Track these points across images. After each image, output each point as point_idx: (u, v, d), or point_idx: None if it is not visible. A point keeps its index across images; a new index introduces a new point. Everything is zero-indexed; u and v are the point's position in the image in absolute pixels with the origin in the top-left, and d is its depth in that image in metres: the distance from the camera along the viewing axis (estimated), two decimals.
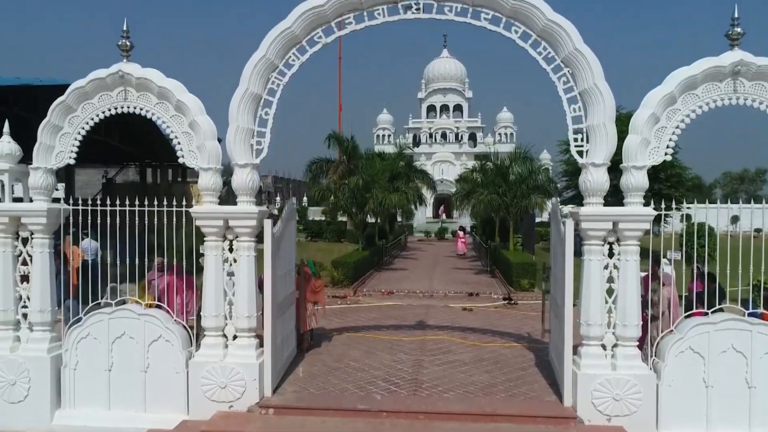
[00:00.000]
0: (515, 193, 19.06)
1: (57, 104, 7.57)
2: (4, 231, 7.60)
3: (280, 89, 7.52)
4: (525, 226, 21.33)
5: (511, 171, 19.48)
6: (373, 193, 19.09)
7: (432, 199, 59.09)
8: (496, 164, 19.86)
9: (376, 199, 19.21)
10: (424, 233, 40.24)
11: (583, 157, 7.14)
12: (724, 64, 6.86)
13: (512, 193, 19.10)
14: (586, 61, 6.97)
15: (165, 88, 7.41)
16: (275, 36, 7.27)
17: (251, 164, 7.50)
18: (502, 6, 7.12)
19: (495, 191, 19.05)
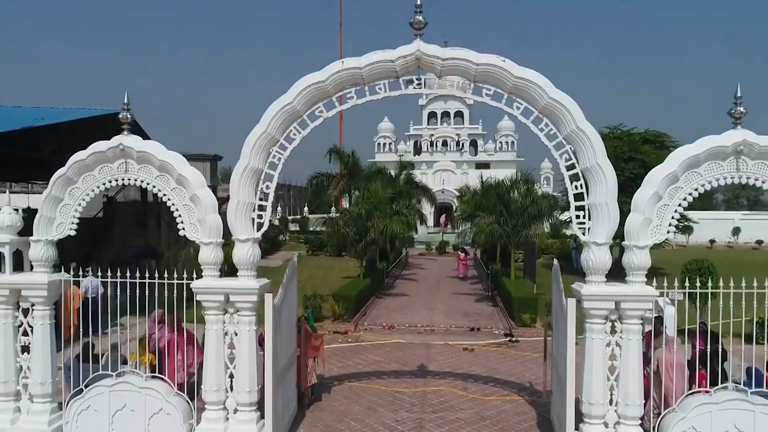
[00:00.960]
0: (516, 221, 19.05)
1: (57, 176, 7.57)
2: (5, 303, 7.61)
3: (281, 163, 7.52)
4: (526, 253, 21.32)
5: (512, 198, 19.46)
6: (374, 222, 19.12)
7: (433, 209, 59.13)
8: (498, 192, 19.84)
9: (377, 228, 19.24)
10: (425, 246, 40.21)
11: (585, 235, 7.12)
12: (726, 144, 6.85)
13: (513, 222, 19.10)
14: (588, 140, 6.96)
15: (166, 161, 7.41)
16: (276, 111, 7.26)
17: (252, 238, 7.50)
18: (504, 83, 7.11)
19: (496, 220, 19.06)
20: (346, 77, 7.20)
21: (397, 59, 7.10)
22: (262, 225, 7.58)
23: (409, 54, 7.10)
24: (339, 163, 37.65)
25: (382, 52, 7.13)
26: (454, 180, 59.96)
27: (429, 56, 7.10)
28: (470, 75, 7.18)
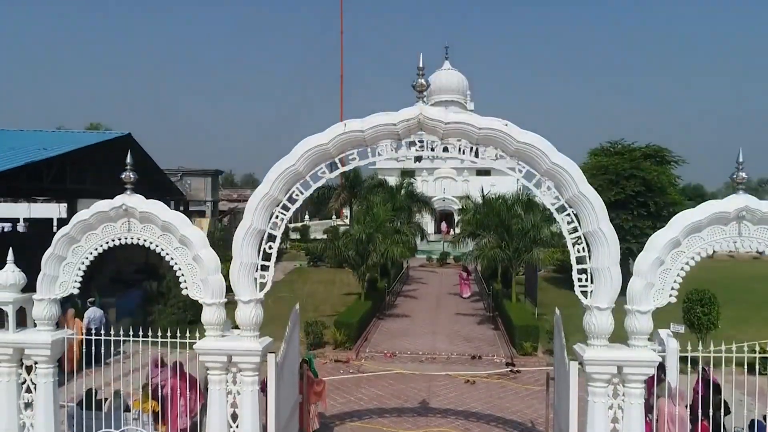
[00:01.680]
0: (518, 245, 19.06)
1: (61, 236, 7.59)
2: (8, 361, 7.63)
3: (284, 223, 7.54)
4: (527, 273, 21.31)
5: (513, 220, 19.46)
6: (376, 247, 19.14)
7: (433, 219, 59.15)
8: (498, 213, 19.83)
9: (378, 252, 19.27)
10: (426, 256, 40.13)
11: (587, 298, 7.12)
12: (728, 210, 6.86)
13: (515, 245, 19.11)
14: (591, 205, 6.97)
15: (169, 221, 7.43)
16: (279, 174, 7.28)
17: (255, 299, 7.51)
18: (506, 147, 7.13)
19: (497, 243, 19.08)
20: (348, 139, 7.21)
21: (399, 122, 7.12)
22: (265, 285, 7.59)
23: (412, 118, 7.11)
24: (340, 176, 37.66)
25: (384, 115, 7.15)
26: (454, 187, 59.96)
27: (431, 120, 7.12)
28: (473, 138, 7.19)
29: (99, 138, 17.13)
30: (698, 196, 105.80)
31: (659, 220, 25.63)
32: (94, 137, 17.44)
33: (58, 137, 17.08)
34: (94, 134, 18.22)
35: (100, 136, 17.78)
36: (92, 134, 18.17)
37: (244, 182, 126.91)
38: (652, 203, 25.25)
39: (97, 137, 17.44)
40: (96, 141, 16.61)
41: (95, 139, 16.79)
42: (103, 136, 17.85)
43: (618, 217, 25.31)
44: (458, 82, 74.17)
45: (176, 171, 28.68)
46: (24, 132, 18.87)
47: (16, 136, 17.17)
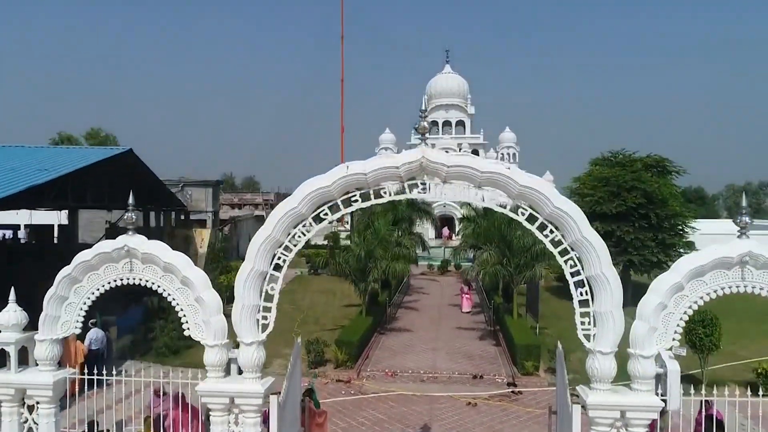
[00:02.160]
0: (519, 260, 19.06)
1: (63, 276, 7.58)
2: (10, 401, 7.63)
3: (286, 264, 7.52)
4: (529, 290, 21.27)
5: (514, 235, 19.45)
6: (376, 264, 19.16)
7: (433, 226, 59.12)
8: (500, 228, 19.81)
9: (379, 269, 19.29)
10: (427, 264, 40.09)
11: (590, 342, 7.10)
12: (732, 255, 6.84)
13: (516, 261, 19.10)
14: (594, 249, 6.95)
15: (171, 263, 7.42)
16: (281, 216, 7.26)
17: (257, 341, 7.48)
18: (509, 190, 7.11)
19: (498, 260, 19.08)
20: (350, 182, 7.21)
21: (401, 165, 7.11)
22: (267, 326, 7.56)
23: (414, 161, 7.10)
24: None
25: (386, 158, 7.14)
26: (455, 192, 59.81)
27: (434, 163, 7.11)
28: (475, 181, 7.18)
29: (101, 156, 17.11)
30: (699, 198, 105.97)
31: (660, 231, 25.72)
32: (96, 154, 17.41)
33: (58, 155, 17.05)
34: (96, 151, 18.20)
35: (101, 152, 17.76)
36: (94, 150, 18.16)
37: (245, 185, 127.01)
38: (653, 215, 25.26)
39: (99, 154, 17.42)
40: (97, 159, 16.59)
41: (97, 157, 16.77)
42: (104, 153, 17.83)
43: (619, 229, 25.37)
44: (458, 85, 74.09)
45: (177, 182, 28.68)
46: (24, 148, 18.88)
47: (16, 154, 17.16)
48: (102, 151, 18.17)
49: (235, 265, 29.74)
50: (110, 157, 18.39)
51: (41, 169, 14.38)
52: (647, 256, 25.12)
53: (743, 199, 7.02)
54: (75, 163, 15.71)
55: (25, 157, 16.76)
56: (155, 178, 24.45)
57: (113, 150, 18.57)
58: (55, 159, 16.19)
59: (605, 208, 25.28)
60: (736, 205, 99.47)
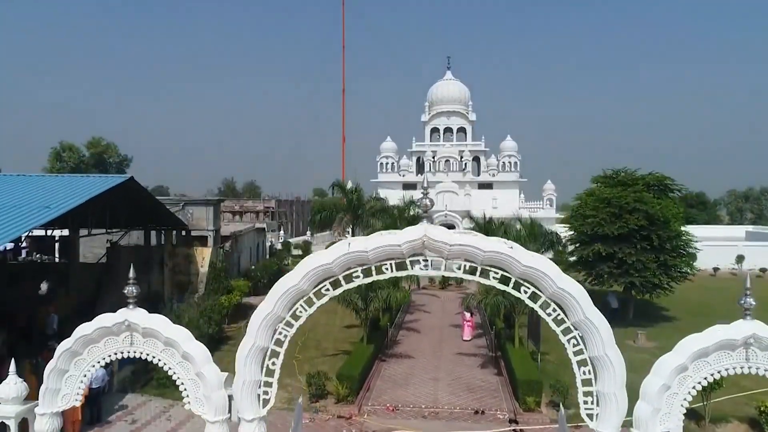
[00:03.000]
0: None
1: (63, 350, 7.56)
2: None
3: (287, 340, 7.49)
4: (531, 314, 21.12)
5: None
6: (377, 293, 19.14)
7: None
8: None
9: (380, 299, 19.27)
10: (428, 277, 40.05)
11: (592, 421, 7.07)
12: (736, 337, 6.81)
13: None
14: (597, 330, 6.92)
15: (171, 338, 7.40)
16: (283, 292, 7.24)
17: (258, 417, 7.45)
18: (512, 269, 7.08)
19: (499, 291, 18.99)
20: (352, 259, 7.18)
21: (403, 243, 7.07)
22: (268, 401, 7.53)
23: (416, 239, 7.07)
24: (342, 197, 37.64)
25: (388, 236, 7.10)
26: (457, 201, 59.84)
27: (436, 241, 7.07)
28: (478, 259, 7.14)
29: (103, 187, 17.07)
30: (700, 203, 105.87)
31: (662, 252, 25.63)
32: (98, 185, 17.39)
33: (60, 186, 17.02)
34: (97, 180, 18.19)
35: (103, 183, 17.74)
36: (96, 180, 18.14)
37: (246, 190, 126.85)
38: (655, 236, 25.18)
39: (101, 185, 17.40)
40: (99, 191, 16.57)
41: (98, 189, 16.73)
42: (106, 183, 17.82)
43: (621, 251, 25.30)
44: (460, 92, 73.86)
45: (178, 200, 28.65)
46: (25, 177, 18.87)
47: (17, 186, 17.14)
48: (104, 182, 18.12)
49: (236, 284, 29.79)
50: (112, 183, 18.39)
51: (43, 206, 14.35)
52: (648, 277, 25.05)
53: (747, 280, 6.95)
54: (77, 197, 15.68)
55: (27, 189, 16.72)
56: (156, 201, 24.46)
57: (115, 179, 18.56)
58: (57, 192, 16.14)
59: (607, 229, 25.22)
60: (738, 210, 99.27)
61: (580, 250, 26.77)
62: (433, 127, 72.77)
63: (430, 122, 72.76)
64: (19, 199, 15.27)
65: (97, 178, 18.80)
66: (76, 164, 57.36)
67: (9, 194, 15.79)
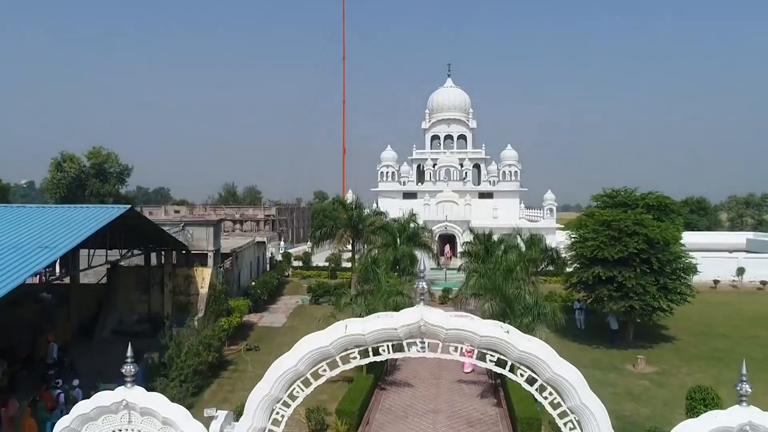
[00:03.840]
0: (520, 322, 19.03)
1: (61, 428, 7.58)
2: None
3: (284, 420, 7.51)
4: None
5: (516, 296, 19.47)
6: None
7: (436, 237, 59.09)
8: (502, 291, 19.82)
9: None
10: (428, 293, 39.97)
11: None
12: (731, 425, 6.81)
13: (517, 322, 19.07)
14: (594, 417, 6.93)
15: (169, 417, 7.41)
16: (280, 374, 7.27)
17: None
18: (508, 353, 7.09)
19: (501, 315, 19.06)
20: (349, 341, 7.20)
21: (400, 327, 7.10)
22: None
23: (413, 323, 7.09)
24: (343, 212, 37.64)
25: (385, 319, 7.12)
26: (457, 210, 59.84)
27: (432, 325, 7.09)
28: (474, 343, 7.15)
29: (102, 220, 17.16)
30: (701, 209, 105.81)
31: (662, 276, 25.64)
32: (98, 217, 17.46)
33: (61, 220, 17.06)
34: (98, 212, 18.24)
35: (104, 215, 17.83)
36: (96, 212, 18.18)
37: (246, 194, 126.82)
38: (654, 260, 25.18)
39: (101, 217, 17.48)
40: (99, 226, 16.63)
41: (98, 223, 16.81)
42: (108, 214, 17.92)
43: (621, 275, 25.30)
44: (460, 99, 73.92)
45: (178, 222, 28.71)
46: (25, 209, 18.90)
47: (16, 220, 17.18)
48: (103, 213, 18.17)
49: (235, 304, 29.77)
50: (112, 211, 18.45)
51: (42, 246, 14.39)
52: (648, 300, 25.04)
53: (743, 365, 6.97)
54: (76, 233, 15.72)
55: (25, 224, 16.75)
56: (156, 227, 24.53)
57: (114, 211, 18.61)
58: (56, 228, 16.17)
59: (607, 253, 25.22)
60: (739, 216, 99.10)
61: (580, 272, 26.75)
62: (434, 134, 72.82)
63: (431, 130, 72.82)
64: (17, 237, 15.30)
65: (96, 209, 18.83)
66: (76, 174, 57.47)
67: (7, 231, 15.82)
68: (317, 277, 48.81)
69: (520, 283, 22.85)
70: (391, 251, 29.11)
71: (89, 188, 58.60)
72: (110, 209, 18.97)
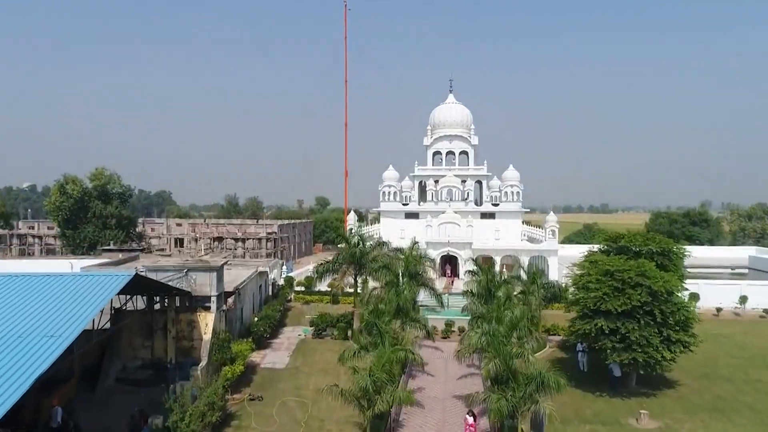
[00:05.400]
0: (523, 392, 19.06)
1: None
2: None
3: None
4: (533, 427, 20.98)
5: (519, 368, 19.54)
6: (381, 395, 19.22)
7: (438, 258, 59.07)
8: (505, 361, 19.83)
9: (384, 401, 19.36)
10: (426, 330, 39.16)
11: None
12: None
13: (520, 392, 19.10)
14: None
15: None
16: None
17: None
18: None
19: (502, 395, 19.02)
20: None
21: None
22: None
23: None
24: (346, 246, 37.60)
25: None
26: (459, 232, 59.86)
27: None
28: None
29: (109, 291, 17.31)
30: (703, 221, 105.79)
31: (666, 327, 25.66)
32: (103, 287, 17.59)
33: (63, 289, 17.15)
34: (102, 280, 18.33)
35: (109, 282, 18.00)
36: (101, 280, 18.27)
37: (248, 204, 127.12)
38: (658, 311, 25.20)
39: (107, 286, 17.65)
40: (106, 300, 16.78)
41: (105, 294, 16.97)
42: (115, 283, 18.06)
43: (624, 327, 25.32)
44: (462, 115, 73.91)
45: (181, 267, 28.75)
46: (28, 279, 18.90)
47: (18, 296, 17.23)
48: (109, 284, 18.26)
49: (238, 349, 29.72)
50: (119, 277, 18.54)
51: (48, 335, 14.41)
52: (651, 353, 25.04)
53: None
54: (82, 315, 15.76)
55: (28, 302, 16.80)
56: (159, 283, 24.62)
57: (120, 279, 18.73)
58: (62, 308, 16.22)
59: (610, 305, 25.23)
60: (741, 229, 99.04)
61: (583, 324, 26.76)
62: (436, 150, 72.80)
63: (433, 146, 72.77)
64: (21, 323, 15.31)
65: (100, 278, 18.87)
66: (79, 196, 57.56)
67: (10, 314, 15.83)
68: (319, 301, 48.77)
69: (523, 341, 22.89)
70: (393, 297, 29.12)
71: (91, 210, 58.65)
72: (115, 277, 19.01)
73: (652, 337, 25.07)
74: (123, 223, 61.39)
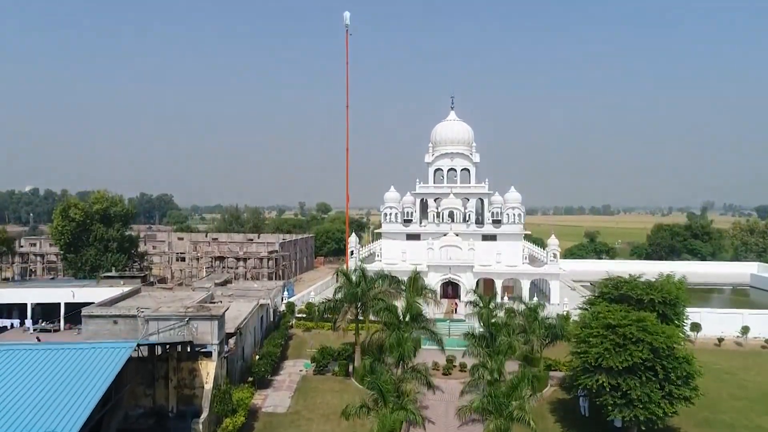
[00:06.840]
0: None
1: None
2: None
3: None
4: None
5: None
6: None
7: (439, 283, 59.02)
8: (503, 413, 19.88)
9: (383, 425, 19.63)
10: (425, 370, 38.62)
11: None
12: None
13: None
14: None
15: None
16: None
17: None
18: None
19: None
20: None
21: None
22: None
23: None
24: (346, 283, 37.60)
25: None
26: (460, 254, 59.81)
27: None
28: None
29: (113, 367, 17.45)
30: (705, 234, 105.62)
31: (668, 383, 25.61)
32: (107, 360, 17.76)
33: (65, 365, 17.23)
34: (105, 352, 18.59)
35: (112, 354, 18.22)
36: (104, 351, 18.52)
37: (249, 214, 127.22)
38: (659, 367, 25.16)
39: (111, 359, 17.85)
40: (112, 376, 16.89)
41: (110, 370, 17.11)
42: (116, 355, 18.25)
43: (625, 383, 25.28)
44: (463, 133, 73.71)
45: (183, 315, 28.79)
46: (29, 352, 18.91)
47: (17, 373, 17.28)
48: (113, 357, 18.42)
49: (238, 397, 29.71)
50: None
51: (49, 431, 14.43)
52: (653, 409, 24.98)
53: None
54: (85, 404, 15.81)
55: (30, 385, 16.81)
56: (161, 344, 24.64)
57: (123, 351, 18.89)
58: (63, 391, 16.25)
59: (612, 362, 25.19)
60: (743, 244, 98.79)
61: (584, 378, 26.72)
62: (437, 167, 72.65)
63: (434, 163, 72.58)
64: (21, 417, 15.24)
65: (105, 347, 19.02)
66: (82, 219, 57.62)
67: (9, 405, 15.76)
68: (321, 328, 48.69)
69: (523, 401, 22.90)
70: (395, 345, 29.14)
71: (93, 233, 58.72)
72: (118, 348, 19.09)
73: (653, 393, 25.02)
74: (125, 246, 61.45)
